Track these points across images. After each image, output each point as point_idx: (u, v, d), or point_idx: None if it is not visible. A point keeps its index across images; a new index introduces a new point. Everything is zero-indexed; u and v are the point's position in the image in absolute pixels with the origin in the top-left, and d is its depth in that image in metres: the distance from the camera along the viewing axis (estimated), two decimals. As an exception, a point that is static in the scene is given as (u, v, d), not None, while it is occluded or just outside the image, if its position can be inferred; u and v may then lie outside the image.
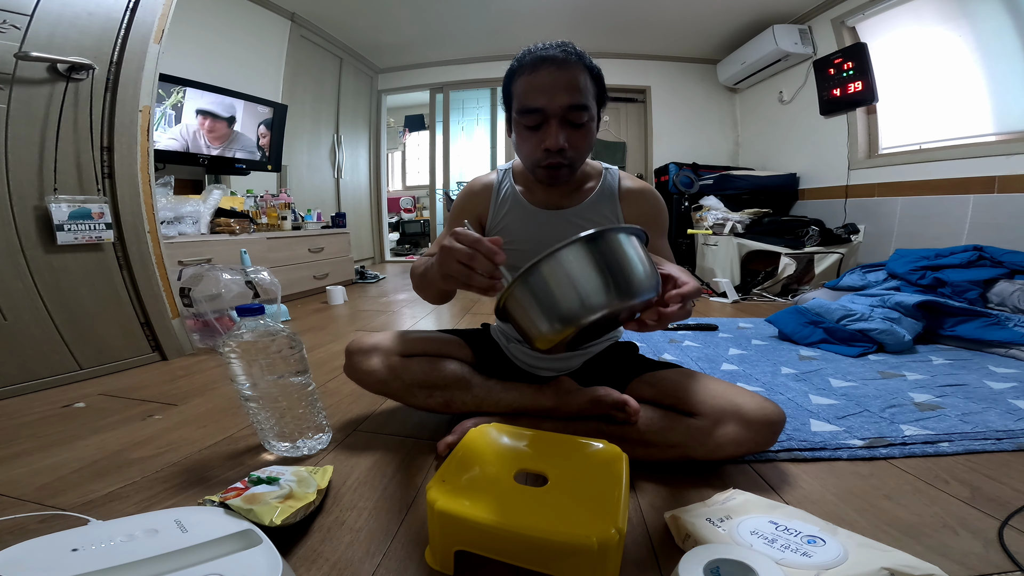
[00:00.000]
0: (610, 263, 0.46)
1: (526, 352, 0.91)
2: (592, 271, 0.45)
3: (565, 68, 0.70)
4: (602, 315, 0.45)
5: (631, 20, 3.34)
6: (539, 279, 0.46)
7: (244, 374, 0.76)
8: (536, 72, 0.71)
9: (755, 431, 0.68)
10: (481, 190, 0.90)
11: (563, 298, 0.45)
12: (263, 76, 2.93)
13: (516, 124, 0.76)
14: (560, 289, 0.45)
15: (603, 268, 0.45)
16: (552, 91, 0.70)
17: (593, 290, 0.45)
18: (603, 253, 0.46)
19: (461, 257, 0.51)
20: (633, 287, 0.46)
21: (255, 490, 0.60)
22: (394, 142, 6.01)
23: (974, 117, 2.24)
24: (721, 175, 3.30)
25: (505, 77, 0.78)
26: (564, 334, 0.47)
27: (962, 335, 1.46)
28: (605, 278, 0.45)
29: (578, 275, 0.45)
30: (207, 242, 1.96)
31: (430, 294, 0.78)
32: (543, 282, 0.46)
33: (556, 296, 0.46)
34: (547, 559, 0.48)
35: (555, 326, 0.46)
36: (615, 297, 0.45)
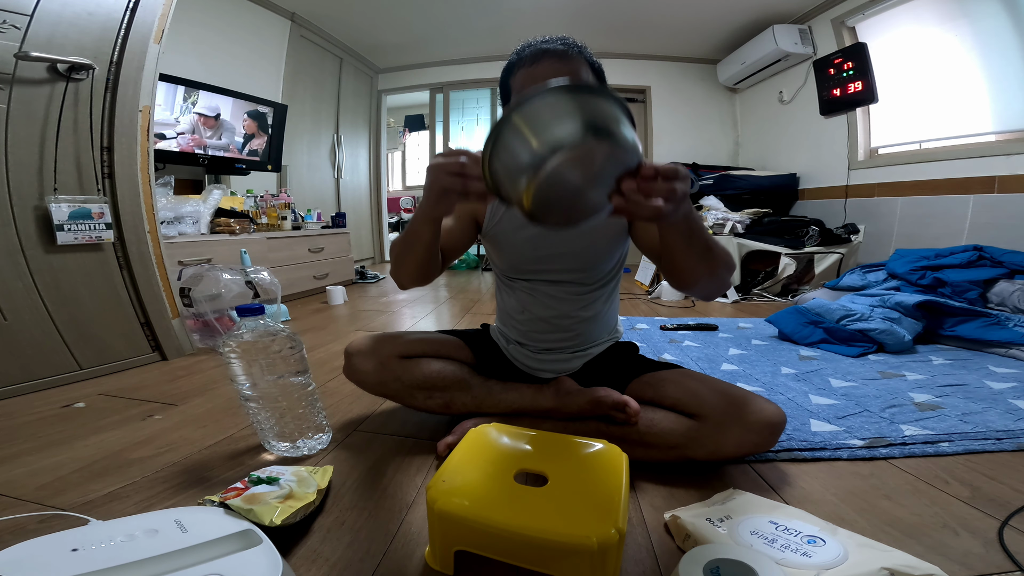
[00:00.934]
0: (592, 109, 0.45)
1: (525, 353, 0.91)
2: (569, 112, 0.45)
3: (566, 61, 0.69)
4: (576, 153, 0.44)
5: (631, 20, 3.34)
6: (515, 120, 0.46)
7: (244, 374, 0.76)
8: (536, 65, 0.70)
9: (755, 432, 0.68)
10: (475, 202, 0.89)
11: (536, 136, 0.45)
12: (263, 76, 2.93)
13: None
14: (535, 127, 0.45)
15: (585, 111, 0.45)
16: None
17: (567, 129, 0.44)
18: (587, 101, 0.45)
19: (451, 168, 0.53)
20: (615, 134, 0.45)
21: (255, 490, 0.60)
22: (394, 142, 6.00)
23: (973, 117, 2.24)
24: (721, 175, 3.30)
25: (503, 71, 0.76)
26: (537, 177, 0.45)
27: (962, 335, 1.46)
28: (583, 119, 0.44)
29: (555, 115, 0.45)
30: (207, 242, 1.96)
31: (412, 257, 0.74)
32: (518, 124, 0.46)
33: (529, 135, 0.45)
34: (547, 559, 0.48)
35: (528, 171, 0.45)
36: (592, 135, 0.44)
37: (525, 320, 0.88)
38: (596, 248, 0.82)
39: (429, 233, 0.69)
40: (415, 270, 0.76)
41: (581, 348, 0.89)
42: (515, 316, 0.90)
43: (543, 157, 0.44)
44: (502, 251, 0.87)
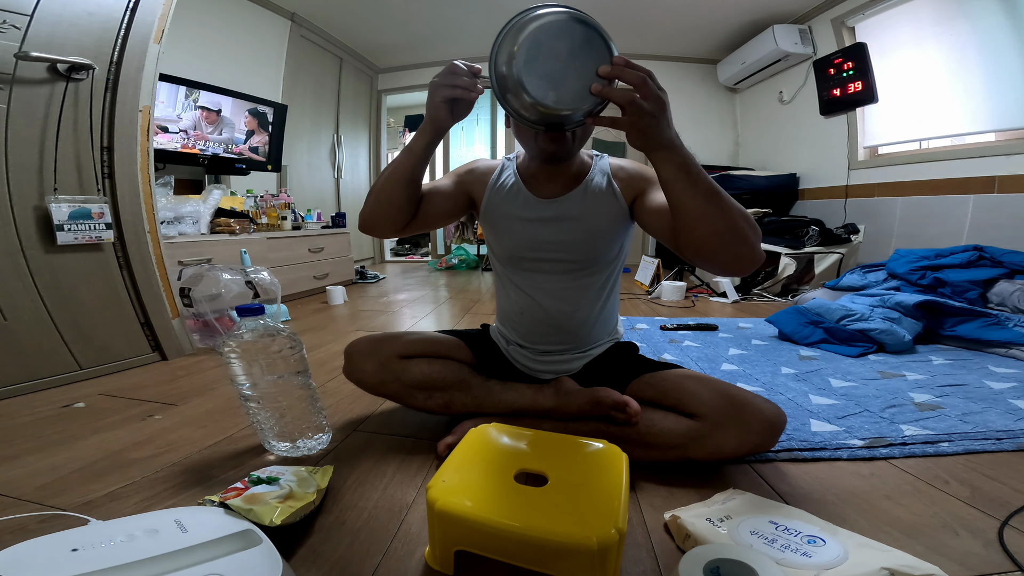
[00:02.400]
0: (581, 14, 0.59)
1: (525, 354, 0.91)
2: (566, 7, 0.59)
3: None
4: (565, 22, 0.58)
5: (631, 20, 3.34)
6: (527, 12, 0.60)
7: (244, 374, 0.76)
8: None
9: (755, 433, 0.68)
10: (482, 173, 0.90)
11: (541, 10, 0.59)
12: (263, 76, 2.93)
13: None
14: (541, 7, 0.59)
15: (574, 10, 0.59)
16: None
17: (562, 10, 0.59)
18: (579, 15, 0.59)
19: (447, 68, 0.65)
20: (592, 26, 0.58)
21: (255, 490, 0.60)
22: (394, 142, 6.00)
23: (973, 117, 2.24)
24: (721, 175, 3.30)
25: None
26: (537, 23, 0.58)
27: (962, 335, 1.46)
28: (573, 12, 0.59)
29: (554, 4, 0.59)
30: (207, 242, 1.96)
31: (389, 186, 0.73)
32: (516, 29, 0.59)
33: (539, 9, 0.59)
34: (547, 559, 0.48)
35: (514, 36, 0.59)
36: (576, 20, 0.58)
37: (524, 322, 0.88)
38: (596, 235, 0.82)
39: (422, 143, 0.71)
40: (388, 193, 0.74)
41: (581, 349, 0.89)
42: (514, 318, 0.90)
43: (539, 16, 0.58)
44: (500, 235, 0.87)
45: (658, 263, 2.72)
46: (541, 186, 0.84)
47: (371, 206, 0.76)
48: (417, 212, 0.79)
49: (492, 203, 0.87)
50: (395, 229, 0.78)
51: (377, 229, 0.78)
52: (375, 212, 0.76)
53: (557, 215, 0.82)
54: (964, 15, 2.23)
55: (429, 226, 0.83)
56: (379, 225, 0.77)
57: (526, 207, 0.84)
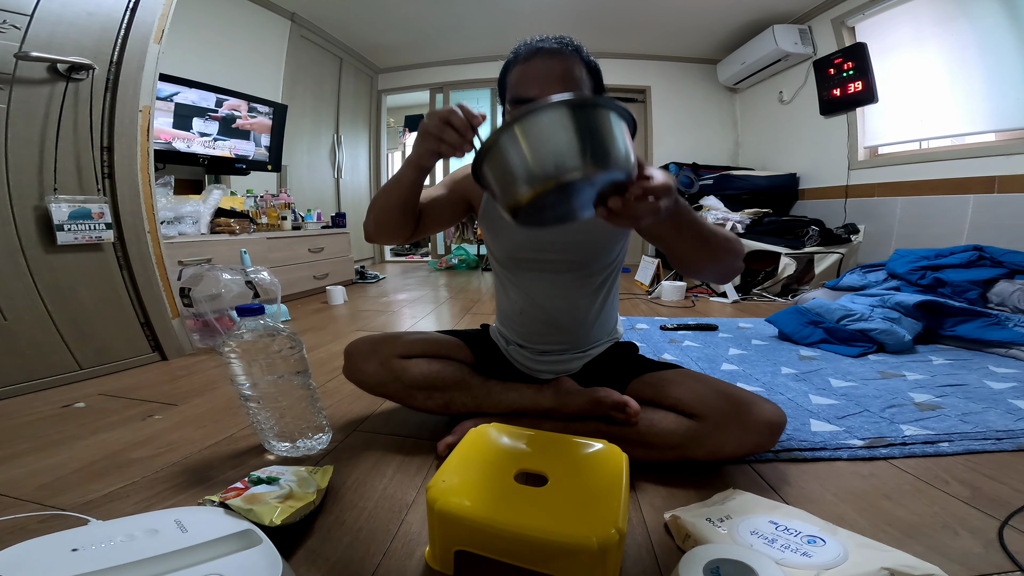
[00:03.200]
0: (591, 129, 0.45)
1: (525, 354, 0.91)
2: (570, 135, 0.44)
3: (559, 58, 0.69)
4: (573, 178, 0.44)
5: (631, 20, 3.34)
6: (516, 134, 0.46)
7: (244, 374, 0.76)
8: (530, 62, 0.70)
9: (755, 433, 0.68)
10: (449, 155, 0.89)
11: (536, 157, 0.45)
12: (263, 76, 2.93)
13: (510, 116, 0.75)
14: (536, 146, 0.45)
15: (582, 134, 0.44)
16: (544, 81, 0.68)
17: (569, 152, 0.44)
18: (585, 120, 0.45)
19: (442, 114, 0.56)
20: (611, 158, 0.45)
21: (255, 490, 0.60)
22: (394, 142, 6.01)
23: (973, 117, 2.24)
24: (721, 175, 3.30)
25: (501, 70, 0.76)
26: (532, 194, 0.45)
27: (962, 335, 1.46)
28: (583, 143, 0.44)
29: (555, 136, 0.45)
30: (207, 242, 1.96)
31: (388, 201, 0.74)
32: (518, 138, 0.46)
33: (529, 153, 0.45)
34: (547, 559, 0.48)
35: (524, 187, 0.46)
36: (589, 163, 0.44)
37: (524, 322, 0.88)
38: (595, 236, 0.82)
39: (410, 177, 0.70)
40: (386, 214, 0.75)
41: (581, 349, 0.89)
42: (514, 318, 0.90)
43: (538, 179, 0.45)
44: (498, 237, 0.86)
45: (658, 263, 2.72)
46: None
47: (372, 223, 0.78)
48: (418, 224, 0.80)
49: (490, 204, 0.86)
50: (399, 241, 0.80)
51: (381, 242, 0.81)
52: (377, 229, 0.78)
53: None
54: (964, 15, 2.23)
55: (432, 232, 0.86)
56: (382, 240, 0.80)
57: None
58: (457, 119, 0.56)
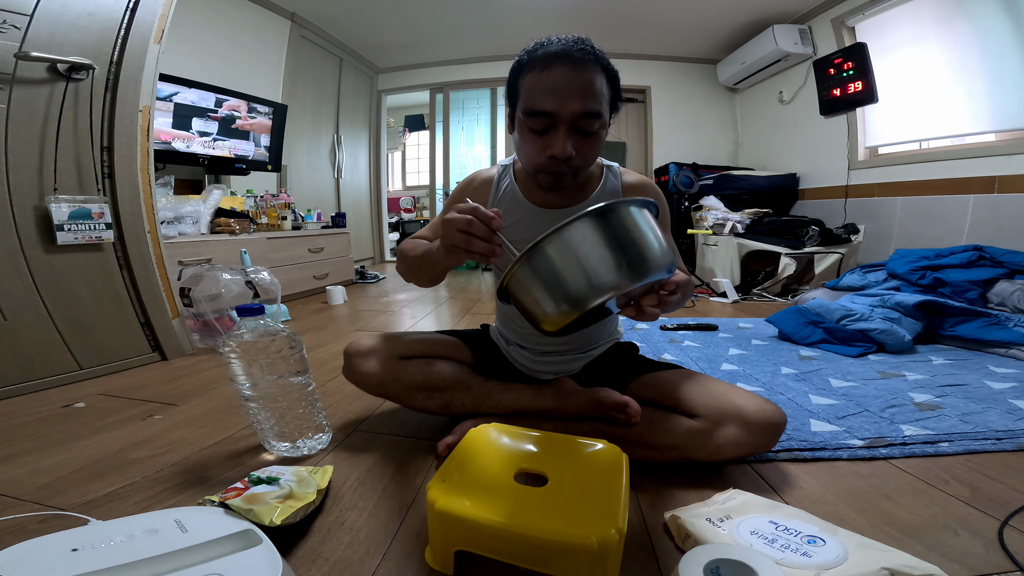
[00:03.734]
0: (622, 239, 0.42)
1: (525, 355, 0.90)
2: (603, 248, 0.41)
3: (581, 69, 0.64)
4: (614, 295, 0.42)
5: (631, 20, 3.34)
6: (544, 259, 0.42)
7: (244, 374, 0.76)
8: (548, 70, 0.64)
9: (755, 433, 0.68)
10: (481, 184, 0.88)
11: (571, 278, 0.42)
12: (263, 76, 2.93)
13: (520, 124, 0.69)
14: (568, 269, 0.42)
15: (615, 245, 0.41)
16: (564, 94, 0.63)
17: (604, 269, 0.41)
18: (614, 228, 0.42)
19: (460, 225, 0.53)
20: (648, 264, 0.42)
21: (255, 490, 0.60)
22: (394, 142, 6.01)
23: (973, 117, 2.24)
24: (721, 175, 3.30)
25: (512, 70, 0.71)
26: (572, 315, 0.43)
27: (962, 335, 1.46)
28: (617, 255, 0.41)
29: (588, 253, 0.41)
30: (207, 242, 1.96)
31: (424, 276, 0.76)
32: (549, 262, 0.42)
33: (563, 276, 0.42)
34: (547, 559, 0.48)
35: (562, 307, 0.43)
36: (627, 275, 0.41)
37: (524, 323, 0.88)
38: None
39: (441, 268, 0.71)
40: (427, 280, 0.79)
41: (581, 350, 0.89)
42: (514, 318, 0.90)
43: (583, 299, 0.42)
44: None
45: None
46: (539, 195, 0.82)
47: (405, 276, 0.81)
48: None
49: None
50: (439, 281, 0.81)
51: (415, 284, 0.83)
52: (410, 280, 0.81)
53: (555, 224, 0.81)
54: (964, 15, 2.23)
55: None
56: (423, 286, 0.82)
57: (525, 218, 0.82)
58: (479, 229, 0.52)
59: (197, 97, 2.21)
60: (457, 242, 0.53)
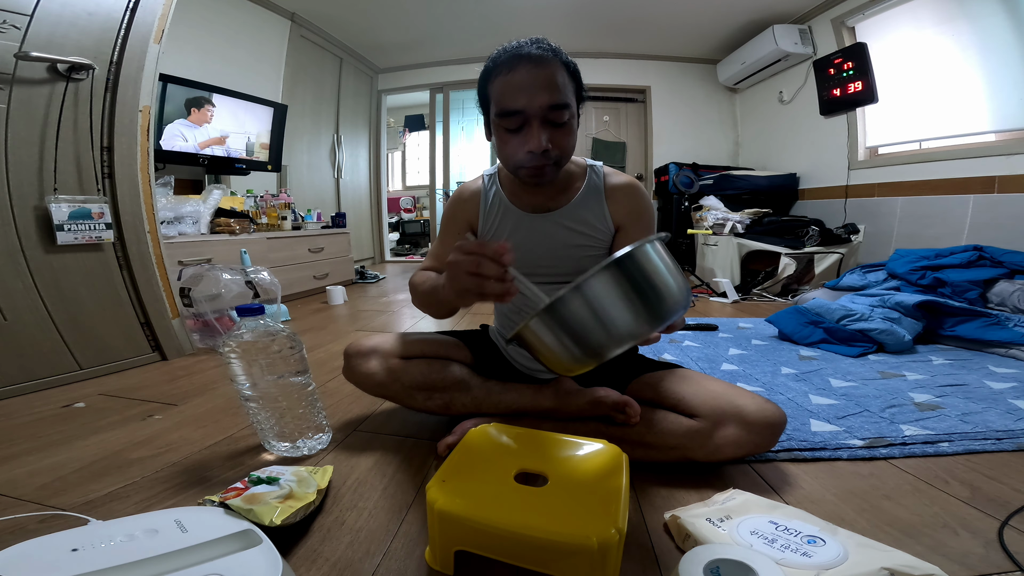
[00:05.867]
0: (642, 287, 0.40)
1: (524, 355, 0.91)
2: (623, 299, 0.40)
3: (542, 66, 0.67)
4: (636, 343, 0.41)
5: (631, 20, 3.34)
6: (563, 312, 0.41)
7: (244, 374, 0.76)
8: (512, 72, 0.68)
9: (755, 433, 0.68)
10: (470, 197, 0.89)
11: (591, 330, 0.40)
12: (263, 76, 2.93)
13: (496, 127, 0.73)
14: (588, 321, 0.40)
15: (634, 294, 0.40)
16: (531, 90, 0.67)
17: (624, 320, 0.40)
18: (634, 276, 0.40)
19: (469, 267, 0.51)
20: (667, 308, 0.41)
21: (255, 490, 0.60)
22: (394, 142, 6.01)
23: (973, 117, 2.24)
24: (721, 175, 3.30)
25: (480, 79, 0.74)
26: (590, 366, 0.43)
27: (962, 335, 1.46)
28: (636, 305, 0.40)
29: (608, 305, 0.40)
30: (207, 242, 1.96)
31: (438, 311, 0.78)
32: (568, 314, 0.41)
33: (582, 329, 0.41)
34: (547, 559, 0.48)
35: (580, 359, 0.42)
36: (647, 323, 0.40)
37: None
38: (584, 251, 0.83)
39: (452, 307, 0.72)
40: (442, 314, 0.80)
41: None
42: (513, 319, 0.90)
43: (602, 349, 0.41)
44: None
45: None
46: (526, 199, 0.84)
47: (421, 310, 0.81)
48: None
49: (486, 224, 0.86)
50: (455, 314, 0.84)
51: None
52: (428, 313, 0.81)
53: (543, 228, 0.82)
54: (964, 15, 2.23)
55: None
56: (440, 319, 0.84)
57: (513, 224, 0.84)
58: (489, 269, 0.50)
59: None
60: (468, 286, 0.51)
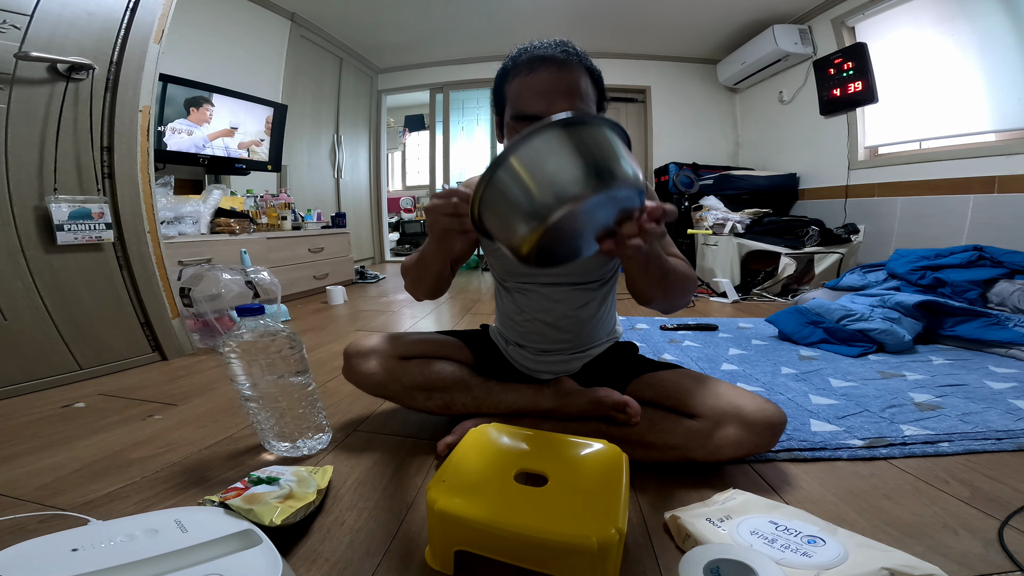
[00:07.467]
0: (588, 148, 0.41)
1: (524, 355, 0.90)
2: (567, 157, 0.41)
3: (565, 70, 0.66)
4: (583, 205, 0.41)
5: (631, 20, 3.34)
6: (509, 173, 0.42)
7: (244, 374, 0.76)
8: (533, 74, 0.66)
9: (755, 433, 0.68)
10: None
11: (536, 189, 0.41)
12: (263, 76, 2.93)
13: (510, 129, 0.71)
14: (532, 180, 0.41)
15: (578, 153, 0.41)
16: (551, 96, 0.65)
17: (569, 177, 0.40)
18: (580, 138, 0.41)
19: (445, 209, 0.55)
20: (615, 175, 0.41)
21: (255, 490, 0.60)
22: (394, 142, 6.01)
23: (973, 117, 2.24)
24: (721, 175, 3.30)
25: (497, 77, 0.72)
26: (539, 230, 0.42)
27: (962, 335, 1.46)
28: (580, 163, 0.41)
29: (552, 162, 0.41)
30: (207, 242, 1.96)
31: (426, 282, 0.77)
32: (514, 176, 0.42)
33: (527, 188, 0.41)
34: (547, 559, 0.48)
35: (530, 222, 0.42)
36: (592, 184, 0.40)
37: (523, 322, 0.88)
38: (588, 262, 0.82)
39: (438, 266, 0.72)
40: (429, 290, 0.80)
41: (580, 349, 0.89)
42: (514, 318, 0.90)
43: (547, 209, 0.41)
44: (498, 256, 0.87)
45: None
46: None
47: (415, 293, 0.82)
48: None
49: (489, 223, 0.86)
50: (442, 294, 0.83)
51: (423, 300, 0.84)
52: (419, 295, 0.82)
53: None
54: (964, 15, 2.23)
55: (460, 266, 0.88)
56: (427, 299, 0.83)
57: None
58: (462, 194, 0.54)
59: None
60: (449, 225, 0.56)
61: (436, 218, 0.57)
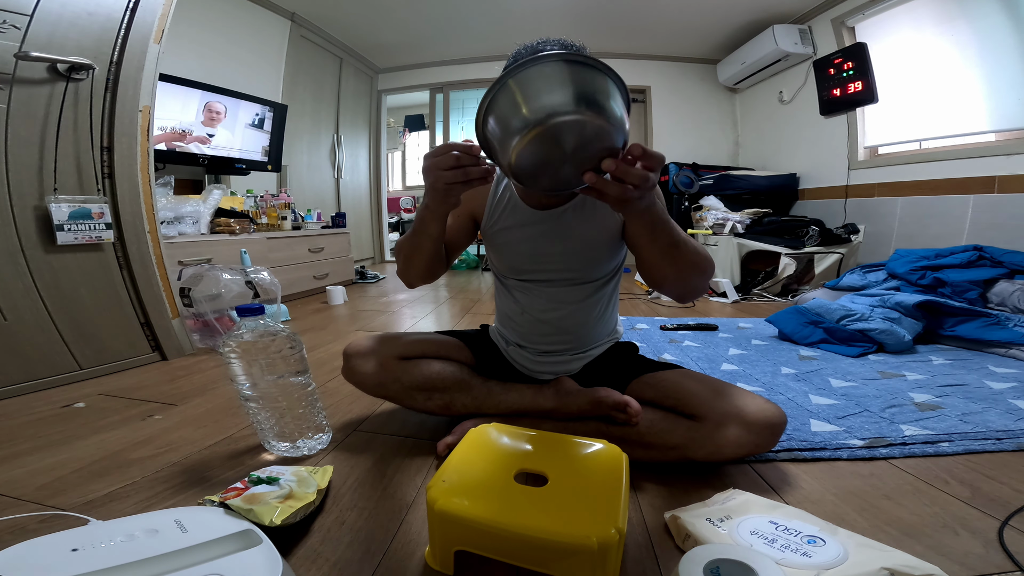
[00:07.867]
0: (586, 81, 0.48)
1: (524, 355, 0.90)
2: (568, 83, 0.48)
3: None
4: (568, 119, 0.47)
5: (631, 20, 3.34)
6: (522, 79, 0.49)
7: (244, 374, 0.76)
8: None
9: (756, 433, 0.68)
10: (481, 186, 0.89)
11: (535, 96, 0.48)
12: (263, 76, 2.93)
13: None
14: (536, 87, 0.48)
15: (577, 82, 0.48)
16: None
17: (564, 97, 0.47)
18: (581, 73, 0.48)
19: (446, 163, 0.56)
20: (600, 105, 0.47)
21: (255, 490, 0.60)
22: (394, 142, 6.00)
23: (973, 117, 2.24)
24: (721, 175, 3.30)
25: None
26: (533, 131, 0.48)
27: (962, 335, 1.46)
28: (577, 90, 0.47)
29: (553, 82, 0.48)
30: (207, 242, 1.96)
31: (421, 257, 0.76)
32: (524, 81, 0.49)
33: (530, 94, 0.48)
34: (547, 559, 0.48)
35: (525, 124, 0.48)
36: (583, 109, 0.47)
37: (524, 322, 0.88)
38: (594, 251, 0.81)
39: (436, 229, 0.71)
40: (423, 268, 0.79)
41: (581, 350, 0.89)
42: (514, 318, 0.90)
43: (534, 121, 0.47)
44: (500, 251, 0.86)
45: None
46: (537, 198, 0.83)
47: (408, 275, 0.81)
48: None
49: (492, 218, 0.85)
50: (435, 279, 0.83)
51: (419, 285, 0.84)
52: (412, 277, 0.82)
53: (554, 227, 0.81)
54: (964, 15, 2.23)
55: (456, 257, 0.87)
56: (419, 284, 0.83)
57: (523, 220, 0.83)
58: (467, 159, 0.56)
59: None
60: (452, 179, 0.57)
61: (437, 174, 0.57)
